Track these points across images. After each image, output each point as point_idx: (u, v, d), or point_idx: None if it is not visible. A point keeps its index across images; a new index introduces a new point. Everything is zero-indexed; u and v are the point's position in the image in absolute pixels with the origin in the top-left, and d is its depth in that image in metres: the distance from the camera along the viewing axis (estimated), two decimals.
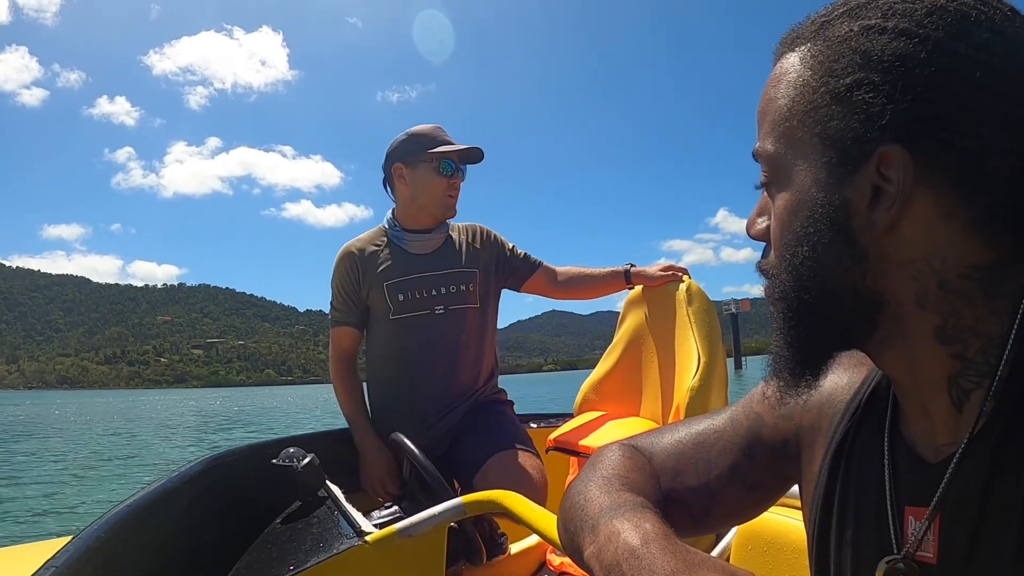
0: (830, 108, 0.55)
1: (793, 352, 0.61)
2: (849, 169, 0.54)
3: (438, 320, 2.38)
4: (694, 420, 0.84)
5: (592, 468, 0.75)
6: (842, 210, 0.55)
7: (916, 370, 0.57)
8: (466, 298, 2.42)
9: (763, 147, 0.61)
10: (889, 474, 0.61)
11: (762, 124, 0.62)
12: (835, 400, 0.72)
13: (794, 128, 0.58)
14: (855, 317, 0.58)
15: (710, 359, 2.12)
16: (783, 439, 0.76)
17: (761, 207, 0.65)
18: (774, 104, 0.60)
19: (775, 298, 0.61)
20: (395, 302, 2.38)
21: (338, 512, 1.64)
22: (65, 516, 8.86)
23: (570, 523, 0.68)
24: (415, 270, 2.41)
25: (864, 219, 0.54)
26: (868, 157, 0.53)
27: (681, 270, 2.45)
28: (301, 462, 1.79)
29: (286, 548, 1.58)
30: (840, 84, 0.54)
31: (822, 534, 0.68)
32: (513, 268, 2.61)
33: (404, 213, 2.48)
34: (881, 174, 0.52)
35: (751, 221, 0.66)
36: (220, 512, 1.88)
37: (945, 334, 0.54)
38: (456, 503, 1.47)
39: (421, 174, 2.40)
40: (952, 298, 0.53)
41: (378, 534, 1.46)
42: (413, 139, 2.42)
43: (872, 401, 0.67)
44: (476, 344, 2.47)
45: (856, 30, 0.54)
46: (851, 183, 0.54)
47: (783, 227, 0.59)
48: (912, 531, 0.57)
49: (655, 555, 0.53)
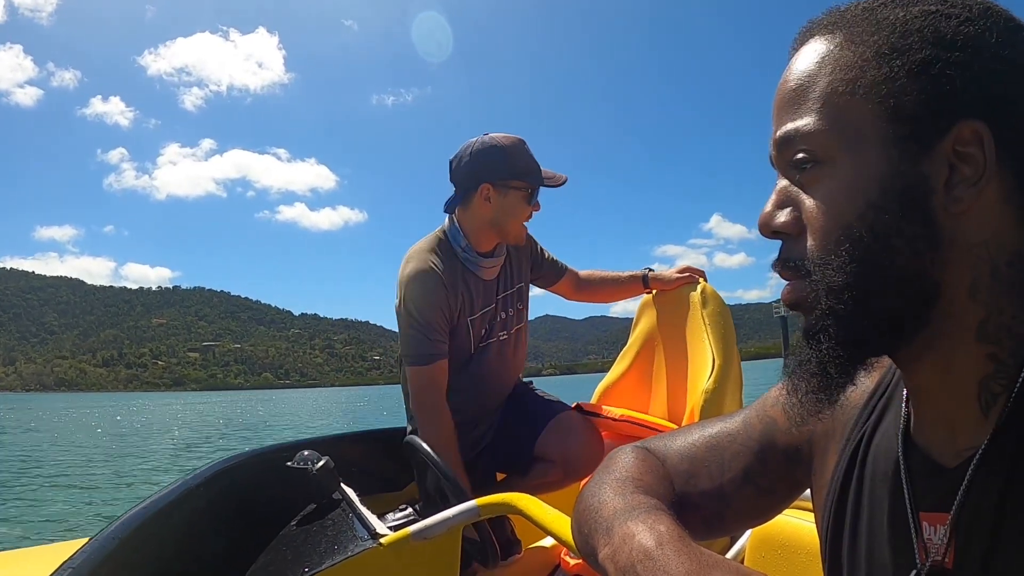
0: (903, 83, 0.52)
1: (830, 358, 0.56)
2: (924, 145, 0.52)
3: (504, 345, 2.37)
4: (708, 423, 0.83)
5: (606, 470, 0.75)
6: (919, 187, 0.52)
7: (950, 372, 0.55)
8: (520, 317, 2.42)
9: (804, 126, 0.56)
10: (906, 479, 0.60)
11: (796, 105, 0.58)
12: (848, 405, 0.71)
13: (851, 104, 0.54)
14: (911, 312, 0.54)
15: (725, 361, 2.11)
16: (796, 444, 0.75)
17: (781, 198, 0.59)
18: (819, 82, 0.56)
19: (820, 293, 0.55)
20: (477, 336, 2.30)
21: (353, 514, 1.65)
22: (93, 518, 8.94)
23: (584, 525, 0.67)
24: (489, 300, 2.32)
25: (942, 198, 0.52)
26: (945, 133, 0.51)
27: (698, 272, 2.44)
28: (316, 465, 1.80)
29: (301, 550, 1.58)
30: (914, 59, 0.52)
31: (835, 539, 0.68)
32: (544, 271, 2.58)
33: (478, 234, 2.25)
34: (956, 152, 0.51)
35: (769, 215, 0.60)
36: (235, 514, 1.89)
37: (986, 331, 0.53)
38: (470, 505, 1.47)
39: (511, 200, 2.20)
40: (999, 288, 0.52)
41: (393, 536, 1.47)
42: (504, 159, 2.19)
43: (887, 406, 0.67)
44: (525, 349, 2.49)
45: (917, 13, 0.53)
46: (928, 159, 0.52)
47: (835, 210, 0.54)
48: (928, 537, 0.56)
49: (670, 557, 0.52)
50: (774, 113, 0.60)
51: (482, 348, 2.31)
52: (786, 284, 0.59)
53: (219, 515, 1.84)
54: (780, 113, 0.59)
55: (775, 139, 0.59)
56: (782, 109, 0.59)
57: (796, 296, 0.58)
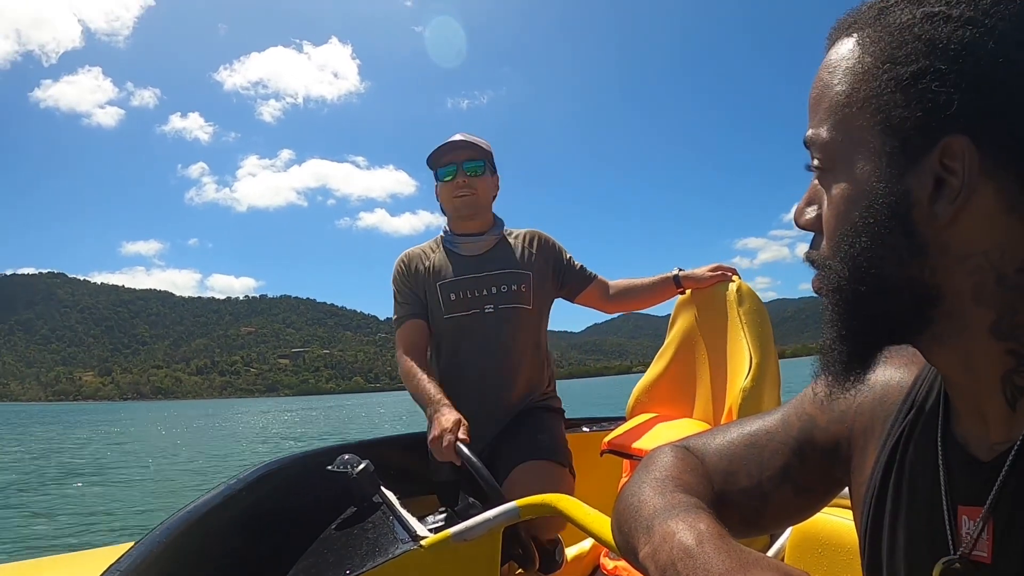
0: (893, 96, 0.53)
1: (845, 345, 0.59)
2: (911, 159, 0.53)
3: (489, 319, 2.39)
4: (746, 421, 0.83)
5: (645, 470, 0.75)
6: (903, 201, 0.53)
7: (970, 367, 0.56)
8: (517, 298, 2.42)
9: (817, 134, 0.59)
10: (943, 474, 0.60)
11: (816, 110, 0.60)
12: (887, 401, 0.71)
13: (853, 116, 0.56)
14: (910, 311, 0.56)
15: (762, 359, 2.09)
16: (835, 441, 0.75)
17: (811, 196, 0.63)
18: (831, 90, 0.58)
19: (828, 289, 0.59)
20: (447, 302, 2.41)
21: (393, 517, 1.66)
22: None
23: (624, 524, 0.68)
24: (467, 270, 2.45)
25: (925, 211, 0.53)
26: (931, 148, 0.51)
27: (730, 270, 2.43)
28: (356, 468, 1.82)
29: (342, 553, 1.60)
30: (904, 72, 0.52)
31: (874, 535, 0.68)
32: (568, 278, 2.60)
33: (450, 222, 2.60)
34: (944, 165, 0.51)
35: (799, 210, 0.64)
36: (276, 518, 1.91)
37: (1000, 330, 0.53)
38: (510, 507, 1.48)
39: (439, 188, 2.54)
40: (1009, 294, 0.52)
41: (433, 538, 1.48)
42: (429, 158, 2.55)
43: (925, 400, 0.66)
44: (533, 348, 2.47)
45: (919, 17, 0.52)
46: (913, 173, 0.53)
47: (839, 217, 0.58)
48: (966, 531, 0.56)
49: (710, 555, 0.53)
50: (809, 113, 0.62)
51: (460, 318, 2.41)
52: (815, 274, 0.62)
53: (261, 519, 1.87)
54: (809, 114, 0.61)
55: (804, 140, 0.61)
56: (809, 111, 0.61)
57: (818, 287, 0.61)
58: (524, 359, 2.45)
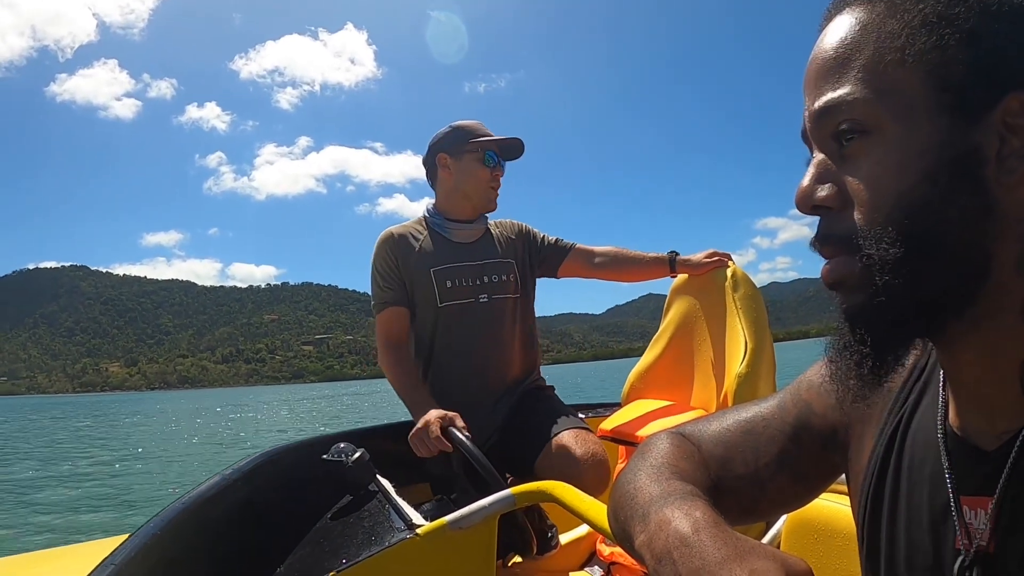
0: (954, 51, 0.51)
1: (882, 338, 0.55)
2: (973, 116, 0.51)
3: (483, 309, 2.39)
4: (742, 407, 0.83)
5: (641, 457, 0.74)
6: (972, 157, 0.50)
7: (994, 354, 0.54)
8: (507, 288, 2.43)
9: (849, 95, 0.54)
10: (946, 463, 0.59)
11: (839, 74, 0.56)
12: (884, 390, 0.69)
13: (899, 73, 0.53)
14: (963, 288, 0.52)
15: (757, 345, 2.10)
16: (832, 428, 0.75)
17: (820, 172, 0.58)
18: (862, 51, 0.54)
19: (873, 269, 0.53)
20: (442, 289, 2.38)
21: (389, 506, 1.66)
22: None
23: (620, 512, 0.67)
24: (460, 258, 2.42)
25: (994, 169, 0.50)
26: (994, 104, 0.50)
27: (725, 256, 2.43)
28: (351, 457, 1.82)
29: (338, 542, 1.60)
30: (963, 28, 0.51)
31: (873, 524, 0.67)
32: (545, 256, 2.62)
33: (446, 203, 2.51)
34: (1007, 123, 0.50)
35: (809, 189, 0.58)
36: (272, 508, 1.91)
37: None
38: (506, 494, 1.48)
39: (466, 164, 2.43)
40: None
41: (429, 526, 1.48)
42: (457, 131, 2.45)
43: (923, 390, 0.66)
44: (523, 335, 2.49)
45: None
46: (978, 129, 0.50)
47: (886, 182, 0.53)
48: (970, 521, 0.56)
49: (706, 542, 0.52)
50: (809, 84, 0.58)
51: (455, 306, 2.39)
52: (826, 263, 0.58)
53: (255, 509, 1.86)
54: (818, 83, 0.57)
55: (814, 110, 0.57)
56: (821, 79, 0.57)
57: (840, 274, 0.56)
58: (519, 345, 2.47)
